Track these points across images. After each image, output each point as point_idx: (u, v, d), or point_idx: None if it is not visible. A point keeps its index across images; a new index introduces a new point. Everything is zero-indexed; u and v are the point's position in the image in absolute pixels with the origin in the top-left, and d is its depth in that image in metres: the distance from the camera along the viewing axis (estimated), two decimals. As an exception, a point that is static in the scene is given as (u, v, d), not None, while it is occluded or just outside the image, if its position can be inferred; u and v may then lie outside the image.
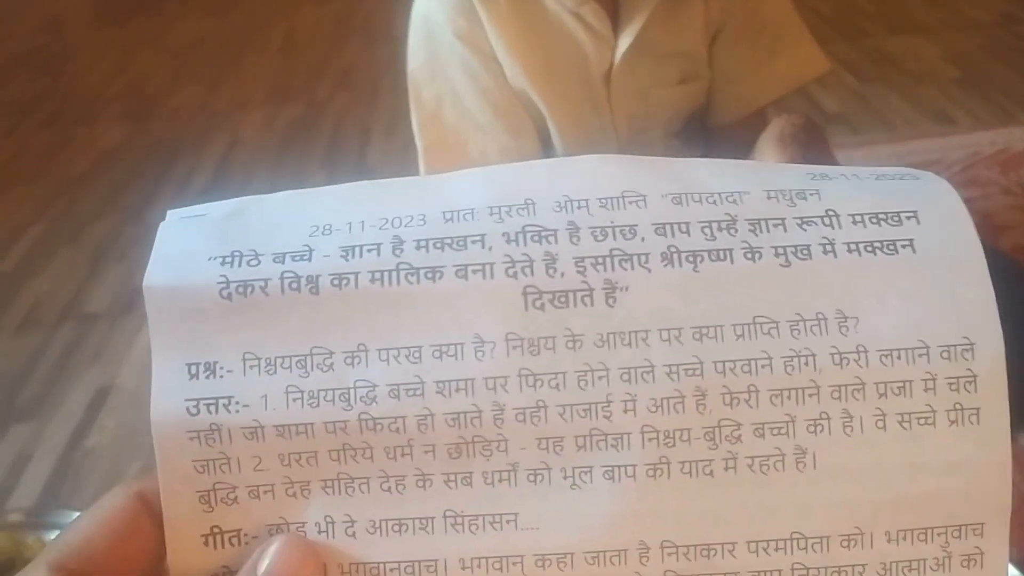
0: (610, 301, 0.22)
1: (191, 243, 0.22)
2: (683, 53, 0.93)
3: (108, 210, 1.58)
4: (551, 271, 0.22)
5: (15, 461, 1.07)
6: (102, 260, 1.42)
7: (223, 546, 0.22)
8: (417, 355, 0.22)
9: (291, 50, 2.33)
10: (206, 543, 0.22)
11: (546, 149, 0.94)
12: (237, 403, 0.22)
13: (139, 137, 1.90)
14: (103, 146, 1.86)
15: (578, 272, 0.22)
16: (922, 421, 0.21)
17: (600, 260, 0.22)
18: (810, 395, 0.21)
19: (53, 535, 0.72)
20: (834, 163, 0.80)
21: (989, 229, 1.26)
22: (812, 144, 0.83)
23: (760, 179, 0.23)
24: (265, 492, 0.22)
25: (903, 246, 0.22)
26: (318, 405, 0.21)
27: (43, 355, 1.25)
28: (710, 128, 0.99)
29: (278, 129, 1.83)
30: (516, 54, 0.90)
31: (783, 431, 0.21)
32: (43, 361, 1.24)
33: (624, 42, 0.89)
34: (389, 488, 0.22)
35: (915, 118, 1.57)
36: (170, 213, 0.23)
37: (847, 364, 0.21)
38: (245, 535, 0.22)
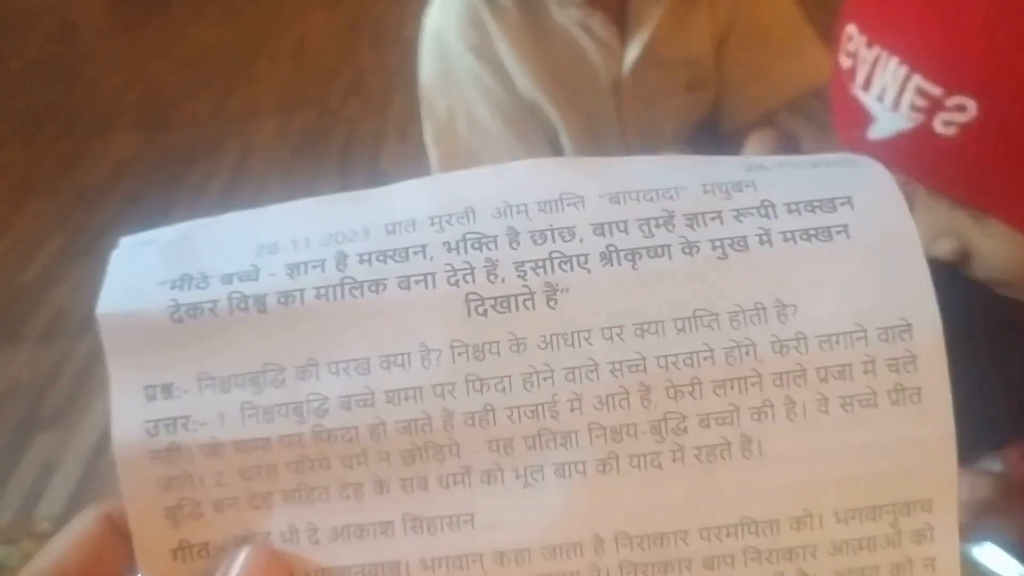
0: (551, 303, 0.22)
1: (141, 269, 0.23)
2: (690, 61, 0.94)
3: (125, 220, 1.60)
4: (492, 277, 0.22)
5: (42, 469, 1.09)
6: (121, 269, 1.44)
7: (192, 559, 0.22)
8: (365, 367, 0.22)
9: (302, 57, 2.35)
10: (175, 557, 0.22)
11: (558, 158, 0.96)
12: (195, 422, 0.22)
13: (154, 146, 1.92)
14: (118, 155, 1.88)
15: (519, 276, 0.22)
16: (864, 403, 0.22)
17: (540, 263, 0.22)
18: (752, 384, 0.22)
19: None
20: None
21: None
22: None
23: (697, 173, 0.24)
24: (229, 505, 0.22)
25: (837, 232, 0.22)
26: (273, 420, 0.22)
27: (66, 365, 1.28)
28: (720, 135, 1.00)
29: (291, 137, 1.85)
30: (526, 65, 0.91)
31: (728, 420, 0.22)
32: (66, 371, 1.26)
33: (632, 52, 0.91)
34: (348, 495, 0.22)
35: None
36: (123, 241, 0.24)
37: (787, 352, 0.22)
38: (213, 547, 0.22)
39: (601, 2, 0.89)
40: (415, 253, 0.23)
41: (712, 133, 1.00)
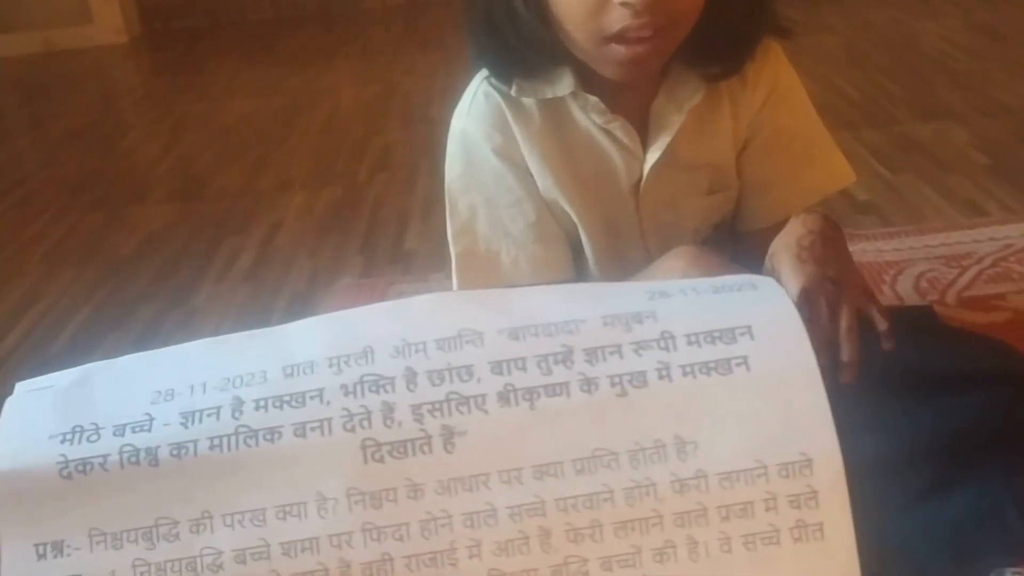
0: (448, 447, 0.23)
1: (33, 421, 0.24)
2: (711, 165, 0.96)
3: (154, 293, 1.63)
4: (389, 421, 0.23)
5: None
6: (147, 344, 1.46)
7: None
8: (261, 518, 0.23)
9: (332, 132, 2.40)
10: None
11: (577, 258, 0.97)
12: None
13: (185, 218, 1.96)
14: (151, 227, 1.92)
15: (415, 420, 0.23)
16: (766, 541, 0.22)
17: (437, 406, 0.23)
18: (654, 525, 0.22)
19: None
20: (854, 272, 0.79)
21: (1022, 329, 1.26)
22: (828, 256, 0.79)
23: (598, 304, 0.24)
24: None
25: (737, 364, 0.23)
26: None
27: (88, 442, 1.29)
28: (738, 234, 1.01)
29: (317, 213, 1.88)
30: (548, 167, 0.93)
31: (630, 563, 0.22)
32: (88, 449, 1.27)
33: (652, 156, 0.92)
34: None
35: (945, 208, 1.57)
36: (18, 386, 0.25)
37: (688, 491, 0.22)
38: None
39: (623, 108, 0.91)
40: (312, 397, 0.23)
41: (731, 231, 1.01)
